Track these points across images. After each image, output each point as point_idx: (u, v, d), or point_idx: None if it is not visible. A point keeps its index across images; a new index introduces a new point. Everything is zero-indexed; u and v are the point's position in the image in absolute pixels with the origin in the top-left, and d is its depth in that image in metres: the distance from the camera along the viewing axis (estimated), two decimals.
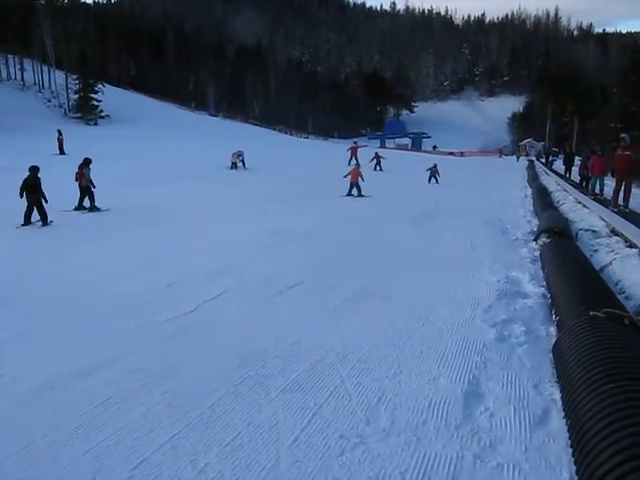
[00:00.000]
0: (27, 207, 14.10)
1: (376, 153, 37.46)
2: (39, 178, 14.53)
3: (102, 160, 17.07)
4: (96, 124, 67.12)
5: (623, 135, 15.73)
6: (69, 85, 69.92)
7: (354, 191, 21.98)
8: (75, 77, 70.89)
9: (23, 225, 13.89)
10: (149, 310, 6.81)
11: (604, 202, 15.83)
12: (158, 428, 4.00)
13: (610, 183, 17.38)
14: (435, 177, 30.05)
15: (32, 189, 14.22)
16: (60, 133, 37.37)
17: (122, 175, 18.44)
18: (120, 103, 73.80)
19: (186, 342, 5.75)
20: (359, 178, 22.19)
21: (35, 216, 14.19)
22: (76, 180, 16.63)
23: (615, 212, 13.36)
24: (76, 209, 16.39)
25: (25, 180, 14.38)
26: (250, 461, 3.57)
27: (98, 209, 16.39)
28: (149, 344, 5.68)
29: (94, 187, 16.54)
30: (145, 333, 6.01)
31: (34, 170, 14.68)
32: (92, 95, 69.84)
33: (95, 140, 46.37)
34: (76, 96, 69.64)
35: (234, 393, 4.53)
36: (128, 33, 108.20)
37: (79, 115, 67.82)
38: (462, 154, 79.32)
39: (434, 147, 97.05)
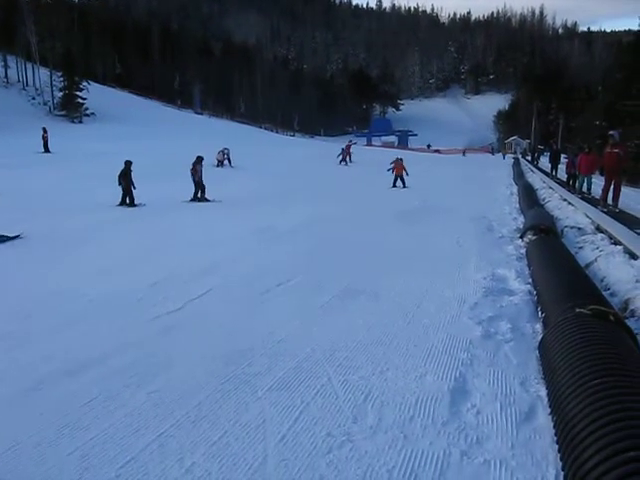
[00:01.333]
0: (122, 192, 17.70)
1: (343, 149, 41.52)
2: (131, 170, 18.08)
3: (87, 159, 17.13)
4: (81, 122, 66.83)
5: (612, 132, 15.15)
6: (54, 83, 69.45)
7: (399, 183, 25.08)
8: (60, 74, 70.43)
9: (119, 205, 17.50)
10: (135, 309, 6.79)
11: (592, 201, 15.54)
12: (144, 427, 3.97)
13: (598, 182, 17.21)
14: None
15: (123, 178, 17.81)
16: (45, 131, 37.19)
17: (110, 173, 18.47)
18: (105, 101, 73.43)
19: (172, 341, 5.73)
20: (403, 172, 25.22)
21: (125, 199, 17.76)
22: (191, 174, 19.42)
23: (605, 212, 13.05)
24: (192, 200, 18.93)
25: (121, 171, 17.95)
26: (237, 459, 3.56)
27: (207, 200, 18.97)
28: (135, 343, 5.65)
29: (204, 185, 19.28)
30: (131, 332, 5.98)
31: (128, 164, 18.29)
32: (77, 93, 69.43)
33: (80, 138, 46.23)
34: (61, 94, 69.18)
35: (221, 391, 4.51)
36: (113, 30, 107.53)
37: (64, 113, 67.40)
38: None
39: (428, 146, 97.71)
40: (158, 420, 4.07)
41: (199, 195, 19.14)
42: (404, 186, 24.82)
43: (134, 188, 17.81)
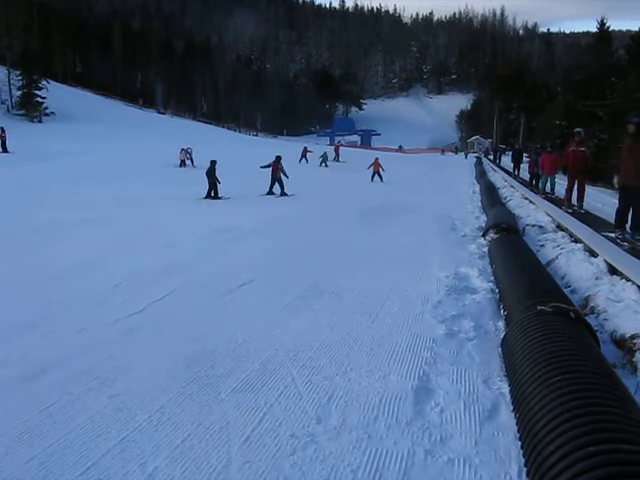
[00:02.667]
0: (208, 187, 19.91)
1: (305, 148, 43.43)
2: (215, 169, 20.16)
3: (49, 159, 16.79)
4: (40, 121, 65.83)
5: (578, 130, 14.65)
6: (12, 81, 68.21)
7: (376, 178, 28.57)
8: (18, 73, 69.20)
9: (204, 198, 19.43)
10: (96, 311, 6.66)
11: (556, 201, 15.26)
12: (106, 432, 3.89)
13: (561, 181, 17.18)
14: (325, 163, 38.76)
15: (210, 175, 20.01)
16: (3, 130, 36.51)
17: (72, 173, 18.21)
18: (66, 100, 72.45)
19: (134, 343, 5.64)
20: (380, 168, 28.94)
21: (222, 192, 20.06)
22: (272, 172, 21.46)
23: (570, 213, 12.69)
24: (267, 194, 20.97)
25: (207, 169, 20.25)
26: (200, 463, 3.51)
27: (286, 194, 20.90)
28: (96, 346, 5.54)
29: (288, 177, 21.46)
30: (92, 335, 5.86)
31: (213, 163, 20.44)
32: (36, 92, 68.30)
33: (40, 138, 45.52)
34: (19, 93, 67.99)
35: (183, 394, 4.45)
36: (74, 28, 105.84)
37: (23, 112, 66.29)
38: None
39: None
40: (120, 424, 3.99)
41: (277, 190, 20.99)
42: (381, 180, 28.33)
43: (219, 183, 19.92)
